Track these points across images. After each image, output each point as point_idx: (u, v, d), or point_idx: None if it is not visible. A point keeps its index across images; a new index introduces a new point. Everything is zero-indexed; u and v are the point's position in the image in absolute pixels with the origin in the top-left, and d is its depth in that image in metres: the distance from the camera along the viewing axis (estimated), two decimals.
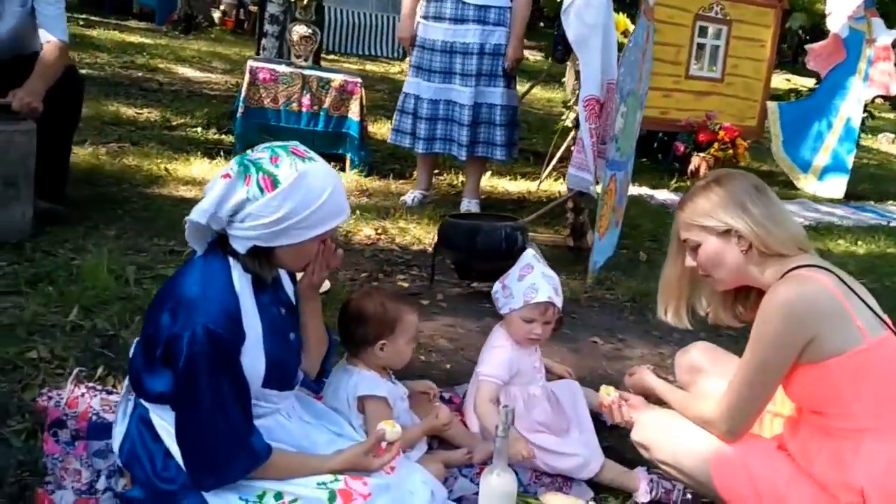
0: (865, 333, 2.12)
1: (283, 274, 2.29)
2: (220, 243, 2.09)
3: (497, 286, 2.82)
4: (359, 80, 6.00)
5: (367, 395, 2.49)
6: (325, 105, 5.89)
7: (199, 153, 5.68)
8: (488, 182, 6.44)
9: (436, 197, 5.73)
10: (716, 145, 7.70)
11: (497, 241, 3.69)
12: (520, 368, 2.76)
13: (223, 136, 6.35)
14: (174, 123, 6.66)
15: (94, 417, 2.45)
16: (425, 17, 5.22)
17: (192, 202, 4.44)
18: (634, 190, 6.86)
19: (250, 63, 5.87)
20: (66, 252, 3.56)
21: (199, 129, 6.53)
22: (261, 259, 2.08)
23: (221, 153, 5.76)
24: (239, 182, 1.99)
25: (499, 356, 2.74)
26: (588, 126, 4.37)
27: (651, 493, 2.63)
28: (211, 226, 2.04)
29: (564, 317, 3.96)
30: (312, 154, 2.08)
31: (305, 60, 6.01)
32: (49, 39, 3.87)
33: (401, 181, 5.92)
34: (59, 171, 3.99)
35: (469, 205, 5.41)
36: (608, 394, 2.57)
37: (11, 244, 3.51)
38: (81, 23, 12.33)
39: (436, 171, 6.29)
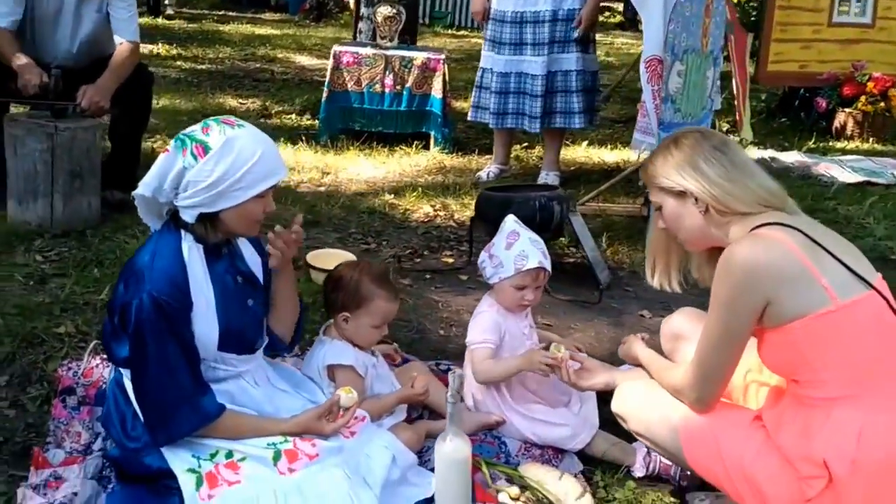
0: (833, 294, 1.99)
1: (246, 247, 2.41)
2: (173, 219, 2.23)
3: (483, 256, 2.81)
4: (442, 56, 6.04)
5: (334, 363, 2.57)
6: (408, 84, 5.97)
7: (284, 139, 5.89)
8: (585, 152, 6.35)
9: (518, 171, 5.71)
10: (863, 99, 7.21)
11: (531, 212, 3.64)
12: (508, 332, 2.74)
13: (315, 122, 6.55)
14: (272, 111, 6.93)
15: (104, 385, 2.63)
16: None
17: None
18: (756, 153, 6.56)
19: (335, 48, 6.02)
20: (124, 238, 3.78)
21: (293, 116, 6.76)
22: (208, 225, 2.21)
23: (303, 138, 5.95)
24: (177, 155, 2.14)
25: (484, 321, 2.74)
26: (651, 88, 4.21)
27: (647, 467, 2.57)
28: (158, 199, 2.19)
29: (619, 290, 3.92)
30: (243, 122, 2.21)
31: (390, 41, 6.10)
32: (121, 41, 4.13)
33: (486, 156, 5.92)
34: (130, 162, 4.25)
35: (547, 177, 5.35)
36: (558, 351, 2.56)
37: (77, 232, 3.79)
38: (215, 19, 12.97)
39: (525, 144, 6.28)
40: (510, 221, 2.83)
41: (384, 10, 6.05)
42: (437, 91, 5.98)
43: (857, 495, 1.95)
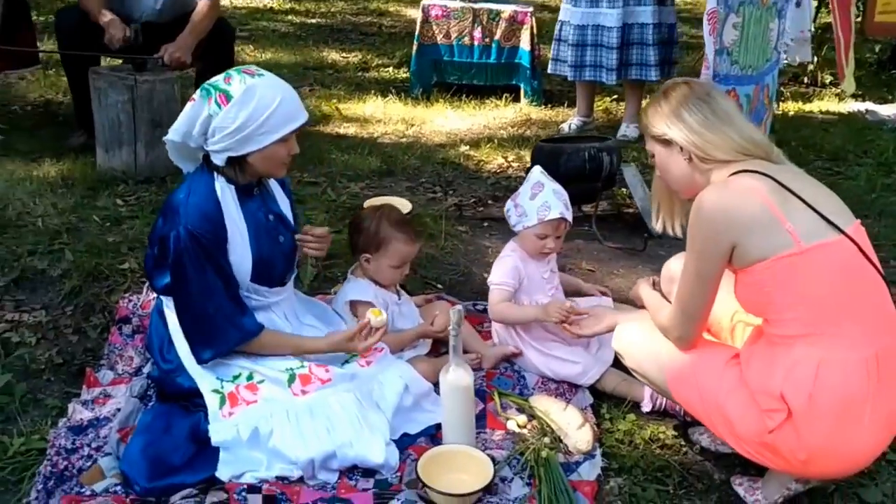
0: (797, 238, 2.05)
1: (277, 189, 2.65)
2: (206, 161, 2.47)
3: (509, 204, 2.94)
4: (529, 9, 6.09)
5: (355, 299, 2.77)
6: (497, 37, 6.06)
7: (375, 92, 6.10)
8: None
9: (603, 123, 5.74)
10: None
11: (580, 162, 3.72)
12: (527, 276, 2.88)
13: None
14: (372, 65, 7.15)
15: None
16: None
17: (346, 139, 4.98)
18: (853, 105, 6.39)
19: (424, 1, 6.16)
20: None
21: (390, 70, 6.96)
22: (237, 168, 2.44)
23: (394, 91, 6.15)
24: (202, 103, 2.36)
25: (505, 264, 2.89)
26: (711, 39, 4.19)
27: (655, 403, 2.68)
28: (189, 144, 2.42)
29: (669, 239, 3.94)
30: (262, 71, 2.41)
31: None
32: None
33: (574, 109, 5.95)
34: None
35: (627, 130, 5.37)
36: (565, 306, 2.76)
37: (159, 178, 4.12)
38: None
39: (615, 97, 6.27)
40: (536, 172, 2.95)
41: None
42: (525, 44, 6.04)
43: (815, 429, 2.03)
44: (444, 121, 5.62)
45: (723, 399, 2.18)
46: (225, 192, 2.45)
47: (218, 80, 2.40)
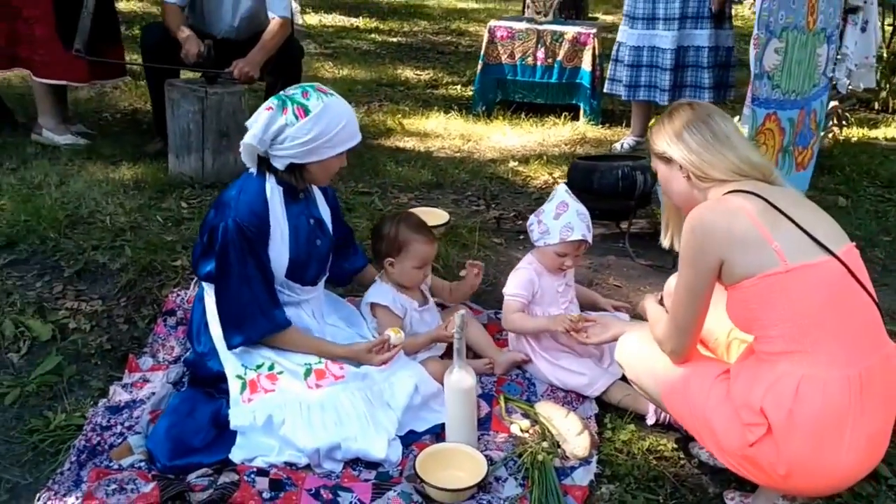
0: (783, 257, 2.13)
1: (320, 197, 2.90)
2: (261, 163, 2.71)
3: (532, 219, 3.08)
4: (592, 31, 6.21)
5: (374, 302, 2.96)
6: (559, 57, 6.21)
7: (439, 108, 6.31)
8: None
9: None
10: None
11: (613, 180, 3.83)
12: (542, 288, 3.01)
13: None
14: (441, 82, 7.38)
15: None
16: None
17: (403, 152, 5.19)
18: None
19: (490, 23, 6.35)
20: None
21: (458, 87, 7.17)
22: (296, 174, 2.69)
23: (456, 107, 6.34)
24: (279, 113, 2.60)
25: (520, 276, 3.03)
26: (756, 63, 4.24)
27: (658, 416, 2.77)
28: (259, 148, 2.65)
29: None
30: (332, 91, 2.67)
31: (545, 16, 6.35)
32: (273, 16, 4.68)
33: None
34: None
35: None
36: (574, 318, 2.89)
37: (223, 183, 4.35)
38: None
39: None
40: (561, 191, 3.09)
41: None
42: (586, 64, 6.17)
43: (793, 444, 2.11)
44: (501, 137, 5.79)
45: (710, 412, 2.27)
46: (274, 193, 2.69)
47: (295, 93, 2.63)
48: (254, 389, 2.63)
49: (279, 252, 2.70)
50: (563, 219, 2.99)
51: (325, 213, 2.91)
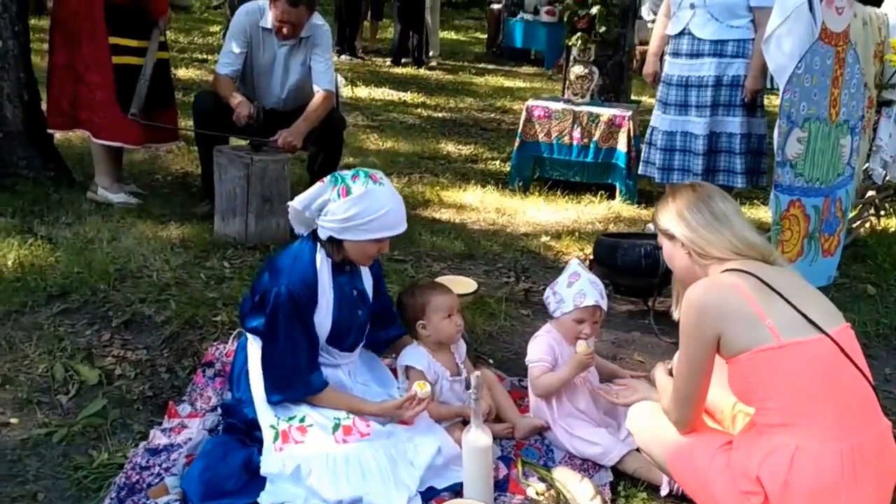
0: (776, 333, 2.27)
1: (366, 270, 3.08)
2: (313, 233, 2.92)
3: (548, 292, 3.23)
4: (628, 112, 6.42)
5: (408, 365, 3.12)
6: (595, 137, 6.41)
7: (476, 182, 6.53)
8: (747, 210, 6.42)
9: None
10: None
11: (636, 257, 3.98)
12: (561, 356, 3.15)
13: None
14: (481, 157, 7.61)
15: None
16: (668, 54, 5.54)
17: (439, 223, 5.39)
18: None
19: (528, 102, 6.59)
20: None
21: (497, 163, 7.40)
22: (334, 246, 2.88)
23: (493, 182, 6.56)
24: (328, 187, 2.82)
25: (540, 343, 3.18)
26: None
27: (672, 487, 2.86)
28: (306, 214, 2.86)
29: None
30: (385, 180, 2.85)
31: (582, 98, 6.58)
32: (318, 89, 4.95)
33: None
34: None
35: None
36: (583, 350, 3.06)
37: (265, 246, 4.63)
38: (473, 71, 13.93)
39: None
40: (574, 264, 3.26)
41: (577, 70, 6.54)
42: (622, 145, 6.36)
43: None
44: (535, 212, 5.97)
45: (712, 480, 2.39)
46: (323, 263, 2.89)
47: (347, 174, 2.85)
48: (285, 439, 2.78)
49: (323, 318, 2.89)
50: (575, 286, 3.14)
51: (368, 283, 3.10)
